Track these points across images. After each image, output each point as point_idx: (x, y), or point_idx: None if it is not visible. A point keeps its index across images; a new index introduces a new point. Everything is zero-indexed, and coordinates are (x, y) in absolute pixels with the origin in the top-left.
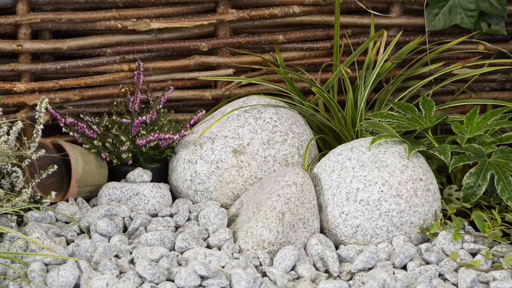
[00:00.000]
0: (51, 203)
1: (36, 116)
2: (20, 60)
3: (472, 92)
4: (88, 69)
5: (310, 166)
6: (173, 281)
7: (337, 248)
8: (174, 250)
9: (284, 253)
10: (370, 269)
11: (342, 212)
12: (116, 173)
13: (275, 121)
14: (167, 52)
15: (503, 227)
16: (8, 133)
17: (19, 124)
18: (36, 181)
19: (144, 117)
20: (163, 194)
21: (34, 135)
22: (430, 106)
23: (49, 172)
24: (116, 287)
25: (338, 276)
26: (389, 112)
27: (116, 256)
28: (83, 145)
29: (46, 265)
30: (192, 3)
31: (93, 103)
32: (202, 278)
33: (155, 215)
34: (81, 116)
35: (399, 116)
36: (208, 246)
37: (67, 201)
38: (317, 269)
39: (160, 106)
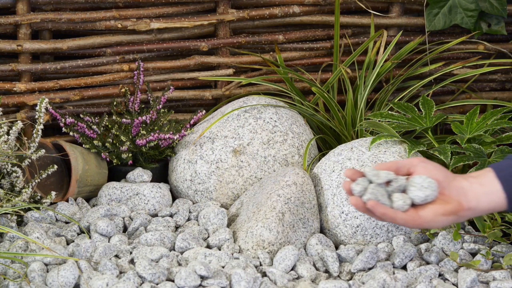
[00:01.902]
0: (51, 203)
1: (36, 116)
2: (20, 60)
3: (472, 92)
4: (88, 69)
5: (310, 166)
6: (173, 281)
7: (337, 248)
8: (174, 250)
9: (284, 253)
10: (370, 269)
11: (342, 212)
12: (116, 173)
13: (275, 121)
14: (167, 52)
15: (503, 227)
16: (8, 133)
17: (19, 124)
18: (36, 181)
19: (144, 117)
20: (163, 194)
21: (34, 135)
22: (430, 106)
23: (49, 172)
24: (116, 287)
25: (338, 276)
26: (389, 112)
27: (116, 256)
28: (83, 145)
29: (46, 265)
30: (192, 3)
31: (93, 103)
32: (202, 278)
33: (155, 215)
34: (81, 116)
35: (399, 116)
36: (208, 246)
37: (67, 201)
38: (317, 269)
39: (160, 106)
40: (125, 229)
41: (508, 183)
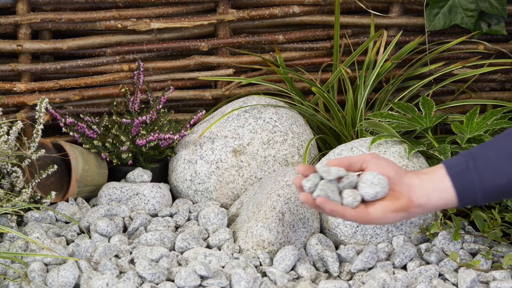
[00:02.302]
0: (51, 203)
1: (36, 116)
2: (20, 60)
3: (472, 92)
4: (88, 69)
5: None
6: (173, 281)
7: (337, 248)
8: (174, 250)
9: (284, 253)
10: (370, 269)
11: None
12: (116, 173)
13: (275, 121)
14: (167, 52)
15: (503, 227)
16: (8, 133)
17: (19, 124)
18: (36, 181)
19: (144, 117)
20: (163, 194)
21: (34, 135)
22: (430, 106)
23: (49, 172)
24: (116, 287)
25: (338, 276)
26: (389, 112)
27: (116, 256)
28: (83, 145)
29: (46, 265)
30: (192, 3)
31: (93, 103)
32: (202, 278)
33: (155, 215)
34: (81, 116)
35: (399, 116)
36: (208, 246)
37: (67, 201)
38: (317, 269)
39: (160, 106)
40: (125, 229)
41: (458, 180)
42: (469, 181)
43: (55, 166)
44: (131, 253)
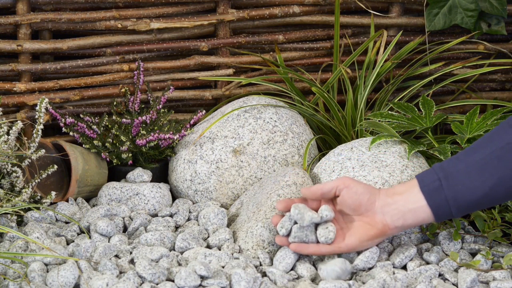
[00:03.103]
0: (51, 203)
1: (36, 116)
2: (20, 60)
3: (472, 92)
4: (88, 69)
5: (310, 166)
6: (173, 281)
7: None
8: (174, 250)
9: (284, 253)
10: (370, 269)
11: None
12: (116, 173)
13: (275, 121)
14: (167, 52)
15: (503, 227)
16: (8, 133)
17: (19, 124)
18: (36, 181)
19: (144, 117)
20: (163, 194)
21: (34, 135)
22: (430, 106)
23: (49, 172)
24: (116, 287)
25: None
26: (389, 112)
27: (116, 256)
28: (83, 145)
29: (46, 265)
30: (192, 3)
31: (93, 103)
32: (202, 278)
33: (155, 215)
34: (81, 116)
35: (399, 116)
36: (208, 246)
37: (67, 201)
38: (317, 269)
39: (160, 106)
40: (125, 229)
41: (432, 199)
42: (443, 199)
43: (55, 166)
44: (131, 253)
